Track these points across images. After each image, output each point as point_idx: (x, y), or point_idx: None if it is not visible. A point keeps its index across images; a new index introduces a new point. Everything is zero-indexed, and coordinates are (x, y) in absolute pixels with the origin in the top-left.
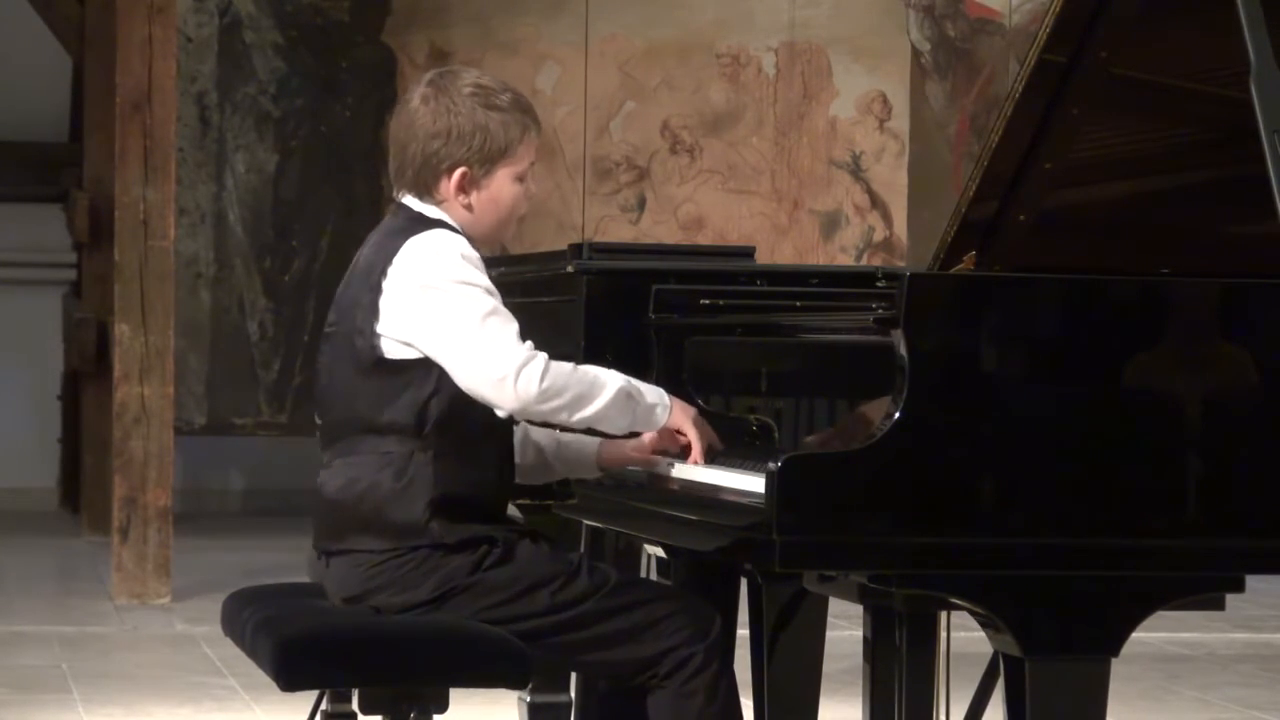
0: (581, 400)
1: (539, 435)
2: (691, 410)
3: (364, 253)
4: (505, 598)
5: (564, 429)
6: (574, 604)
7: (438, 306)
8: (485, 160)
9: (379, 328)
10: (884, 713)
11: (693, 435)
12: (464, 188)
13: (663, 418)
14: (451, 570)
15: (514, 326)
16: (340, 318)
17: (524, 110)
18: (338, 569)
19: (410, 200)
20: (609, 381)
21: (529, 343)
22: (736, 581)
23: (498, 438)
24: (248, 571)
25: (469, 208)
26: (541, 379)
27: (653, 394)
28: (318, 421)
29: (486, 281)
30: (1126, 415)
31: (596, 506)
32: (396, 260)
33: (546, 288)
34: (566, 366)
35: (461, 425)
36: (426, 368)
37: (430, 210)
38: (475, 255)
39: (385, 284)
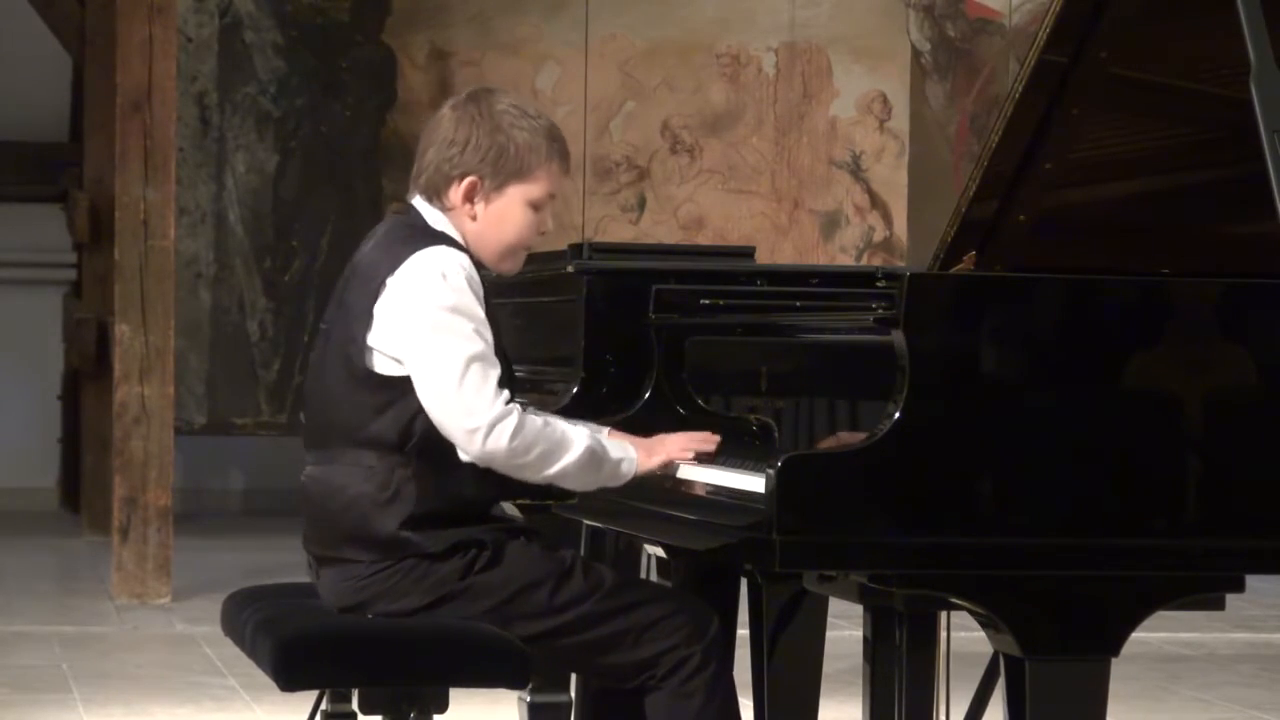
0: (547, 457)
1: None
2: (653, 443)
3: (366, 251)
4: (500, 601)
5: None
6: (571, 606)
7: (426, 337)
8: (498, 174)
9: (371, 339)
10: (884, 713)
11: (671, 457)
12: (470, 197)
13: (630, 471)
14: (442, 577)
15: (495, 373)
16: (337, 317)
17: (552, 139)
18: (329, 579)
19: (419, 203)
20: (576, 441)
21: (505, 393)
22: (736, 581)
23: None
24: (248, 571)
25: (474, 218)
26: (512, 438)
27: (617, 449)
28: (303, 419)
29: (480, 313)
30: (1126, 415)
31: (596, 506)
32: (399, 272)
33: (546, 288)
34: (538, 422)
35: (443, 444)
36: (413, 386)
37: (435, 218)
38: (476, 278)
39: (384, 294)
